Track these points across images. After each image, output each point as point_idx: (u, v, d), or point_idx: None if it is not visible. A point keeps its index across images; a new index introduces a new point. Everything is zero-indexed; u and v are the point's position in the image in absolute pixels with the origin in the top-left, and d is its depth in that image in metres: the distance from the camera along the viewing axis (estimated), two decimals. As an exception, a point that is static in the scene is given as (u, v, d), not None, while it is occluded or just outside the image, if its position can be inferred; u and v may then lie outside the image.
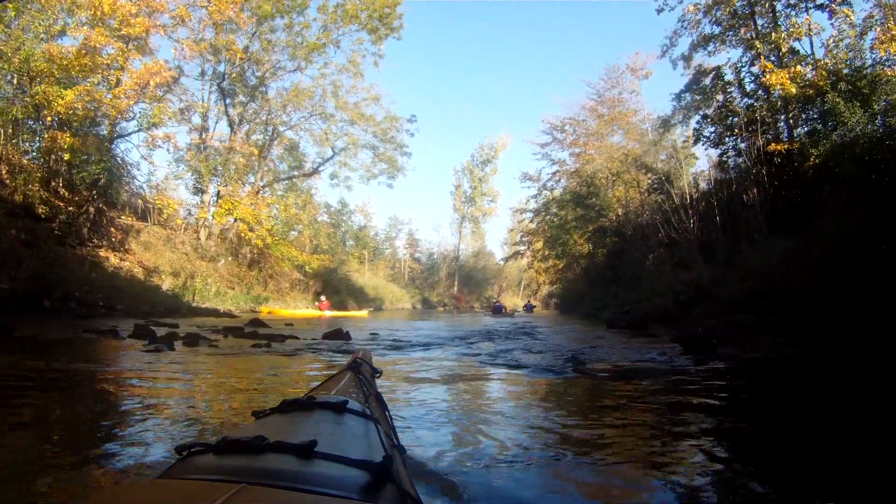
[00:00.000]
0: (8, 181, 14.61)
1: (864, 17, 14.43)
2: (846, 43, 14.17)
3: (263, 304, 22.67)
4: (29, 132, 15.77)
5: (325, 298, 24.53)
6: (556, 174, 36.34)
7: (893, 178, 10.23)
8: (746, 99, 17.06)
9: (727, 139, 17.44)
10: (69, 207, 16.51)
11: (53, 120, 15.68)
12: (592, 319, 19.69)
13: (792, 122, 15.28)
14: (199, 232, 23.98)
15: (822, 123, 13.54)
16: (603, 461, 2.56)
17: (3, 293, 11.44)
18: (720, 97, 17.83)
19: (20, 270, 12.39)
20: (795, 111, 14.73)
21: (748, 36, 16.62)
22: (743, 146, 15.52)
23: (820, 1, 14.94)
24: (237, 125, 26.13)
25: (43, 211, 15.23)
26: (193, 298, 18.87)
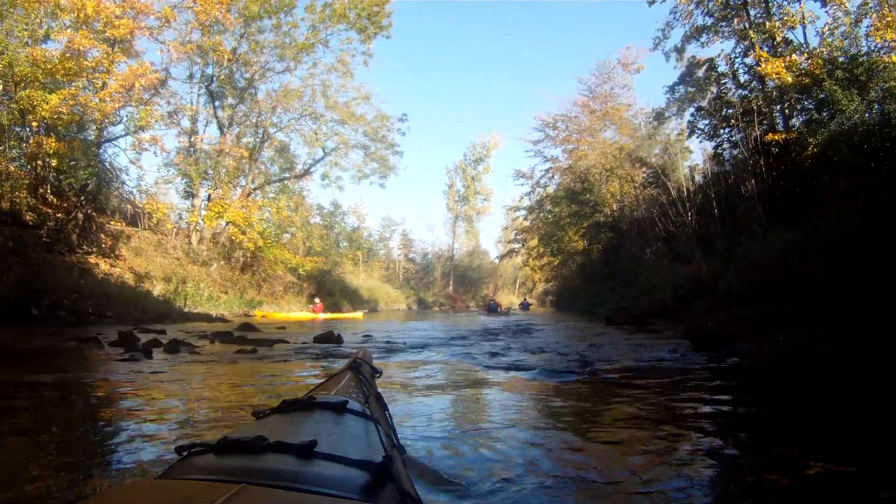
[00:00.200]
0: (-6, 188, 14.38)
1: (858, 4, 14.32)
2: (841, 31, 14.06)
3: (257, 307, 22.47)
4: (15, 138, 15.48)
5: (318, 301, 24.29)
6: (549, 171, 36.34)
7: (893, 165, 10.11)
8: (741, 90, 16.97)
9: (722, 131, 17.35)
10: (57, 214, 16.34)
11: (41, 126, 15.43)
12: (589, 316, 19.62)
13: (787, 111, 15.17)
14: (190, 236, 23.71)
15: (818, 112, 13.43)
16: (614, 466, 2.41)
17: (-10, 301, 11.24)
18: (714, 89, 17.74)
19: (7, 278, 12.15)
20: (791, 100, 14.61)
21: (741, 26, 16.52)
22: (739, 137, 15.39)
23: (813, -12, 14.88)
24: (227, 128, 25.88)
25: (31, 218, 15.03)
26: (185, 304, 18.62)
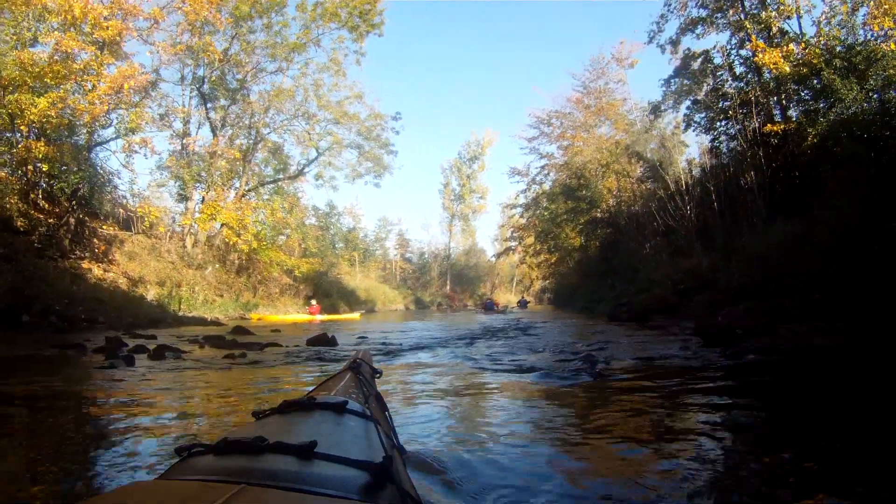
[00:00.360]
0: (-16, 195, 14.16)
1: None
2: (838, 20, 13.89)
3: (253, 310, 22.25)
4: (5, 143, 15.23)
5: (315, 302, 24.09)
6: (544, 168, 36.19)
7: (894, 155, 9.97)
8: (737, 82, 16.83)
9: (718, 124, 17.21)
10: (49, 219, 16.12)
11: (31, 131, 15.20)
12: (588, 313, 19.47)
13: (784, 102, 15.02)
14: (185, 240, 23.46)
15: (816, 102, 13.26)
16: (626, 477, 2.27)
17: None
18: (710, 81, 17.59)
19: (-2, 285, 11.92)
20: (789, 91, 14.45)
21: (736, 18, 16.36)
22: (737, 129, 15.22)
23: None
24: (219, 129, 25.60)
25: (22, 224, 14.79)
26: (180, 308, 18.38)
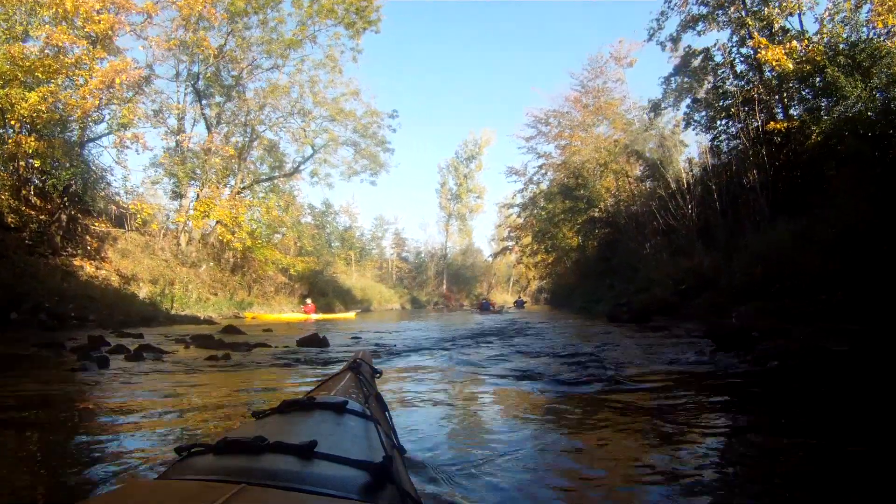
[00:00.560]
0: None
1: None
2: (841, 17, 13.71)
3: (247, 309, 22.03)
4: (-4, 139, 15.00)
5: (310, 301, 23.85)
6: (542, 167, 36.00)
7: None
8: (737, 80, 16.67)
9: (719, 122, 17.06)
10: (41, 216, 15.99)
11: (23, 127, 14.97)
12: (587, 313, 19.26)
13: (786, 100, 14.84)
14: (179, 237, 23.20)
15: (819, 100, 13.11)
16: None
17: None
18: (711, 79, 17.42)
19: (-13, 282, 11.73)
20: (792, 88, 14.28)
21: (737, 15, 16.17)
22: (739, 127, 15.04)
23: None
24: (214, 126, 25.35)
25: (13, 220, 14.69)
26: (172, 306, 18.13)
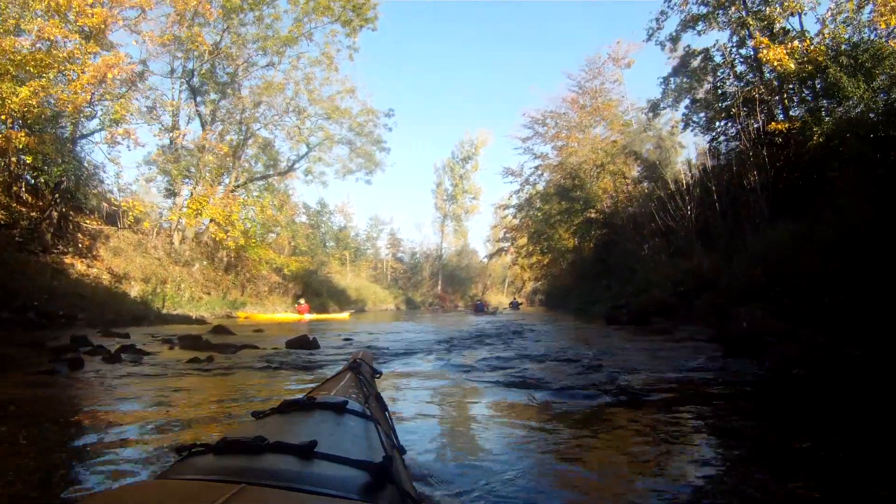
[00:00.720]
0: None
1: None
2: (843, 17, 13.61)
3: (240, 308, 21.81)
4: (-13, 135, 14.77)
5: (303, 301, 23.65)
6: (538, 168, 35.94)
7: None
8: (737, 81, 16.57)
9: (718, 123, 16.96)
10: (32, 213, 15.83)
11: (14, 122, 14.73)
12: (583, 315, 19.13)
13: (787, 101, 14.74)
14: (172, 236, 22.94)
15: (821, 100, 13.01)
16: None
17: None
18: (710, 79, 17.32)
19: (-25, 280, 11.54)
20: (794, 89, 14.18)
21: (737, 15, 16.07)
22: (738, 128, 14.90)
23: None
24: (209, 124, 25.08)
25: (3, 217, 14.58)
26: (164, 305, 17.89)
